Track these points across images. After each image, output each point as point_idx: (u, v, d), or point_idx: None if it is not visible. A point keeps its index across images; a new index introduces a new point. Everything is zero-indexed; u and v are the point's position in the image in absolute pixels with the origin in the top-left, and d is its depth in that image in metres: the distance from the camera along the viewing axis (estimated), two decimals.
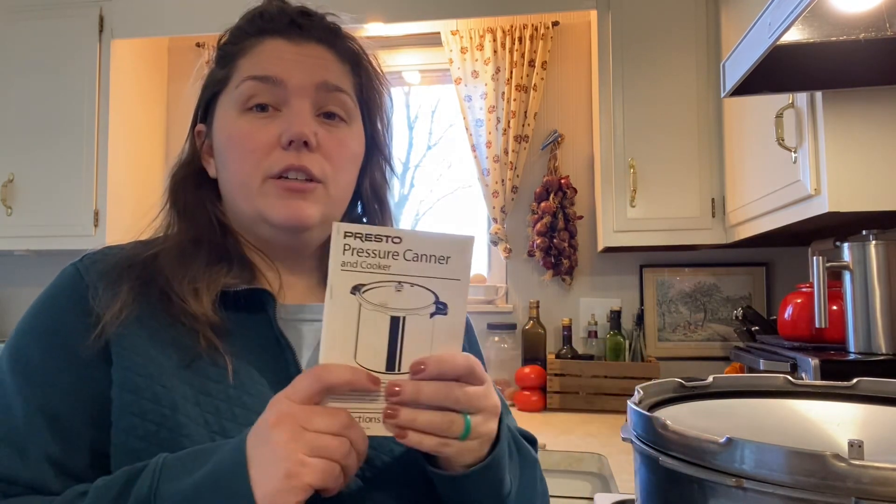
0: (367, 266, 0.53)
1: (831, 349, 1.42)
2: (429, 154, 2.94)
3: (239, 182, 0.69)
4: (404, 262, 0.53)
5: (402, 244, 0.53)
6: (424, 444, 0.54)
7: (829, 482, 0.39)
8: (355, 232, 0.52)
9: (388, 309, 0.53)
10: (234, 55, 0.71)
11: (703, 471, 0.45)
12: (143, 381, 0.59)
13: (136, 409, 0.58)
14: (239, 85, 0.69)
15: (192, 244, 0.69)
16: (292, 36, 0.70)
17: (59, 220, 2.33)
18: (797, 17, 0.90)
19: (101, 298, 0.63)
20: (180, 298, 0.63)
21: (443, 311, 0.54)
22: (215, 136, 0.71)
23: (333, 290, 0.52)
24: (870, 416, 0.62)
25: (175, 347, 0.62)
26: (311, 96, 0.69)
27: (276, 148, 0.67)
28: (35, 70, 2.38)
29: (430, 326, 0.54)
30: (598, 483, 1.73)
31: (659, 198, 2.06)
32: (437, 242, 0.54)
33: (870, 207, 1.28)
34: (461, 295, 0.55)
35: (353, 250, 0.52)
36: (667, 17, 2.08)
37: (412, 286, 0.54)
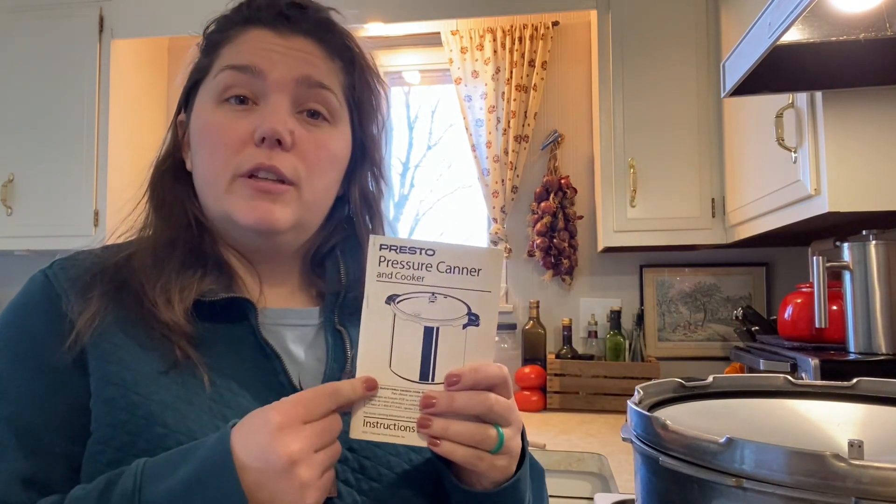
0: (402, 277, 0.55)
1: (831, 349, 1.42)
2: (429, 154, 2.94)
3: (208, 178, 0.65)
4: (437, 273, 0.55)
5: (435, 256, 0.55)
6: (457, 454, 0.54)
7: (829, 482, 0.39)
8: (390, 244, 0.54)
9: (421, 319, 0.55)
10: (218, 43, 0.68)
11: (703, 471, 0.45)
12: (117, 390, 0.57)
13: (112, 420, 0.56)
14: (217, 74, 0.65)
15: (167, 245, 0.65)
16: (279, 27, 0.66)
17: (59, 220, 2.33)
18: (797, 17, 0.90)
19: (74, 305, 0.60)
20: (152, 304, 0.60)
21: (475, 322, 0.56)
22: (191, 128, 0.68)
23: (370, 300, 0.54)
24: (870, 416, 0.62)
25: (151, 354, 0.59)
26: (290, 91, 0.64)
27: (249, 144, 0.63)
28: (35, 70, 2.38)
29: (462, 337, 0.56)
30: (598, 483, 1.73)
31: (659, 198, 2.06)
32: (469, 255, 0.55)
33: (870, 207, 1.28)
34: (492, 307, 0.56)
35: (388, 262, 0.54)
36: (667, 17, 2.08)
37: (445, 297, 0.55)
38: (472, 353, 0.56)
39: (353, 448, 0.61)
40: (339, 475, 0.60)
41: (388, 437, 0.55)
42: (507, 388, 0.57)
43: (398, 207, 2.90)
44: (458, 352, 0.56)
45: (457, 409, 0.54)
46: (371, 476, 0.61)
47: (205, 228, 0.67)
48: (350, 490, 0.60)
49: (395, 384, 0.55)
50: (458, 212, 2.80)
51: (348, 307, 0.69)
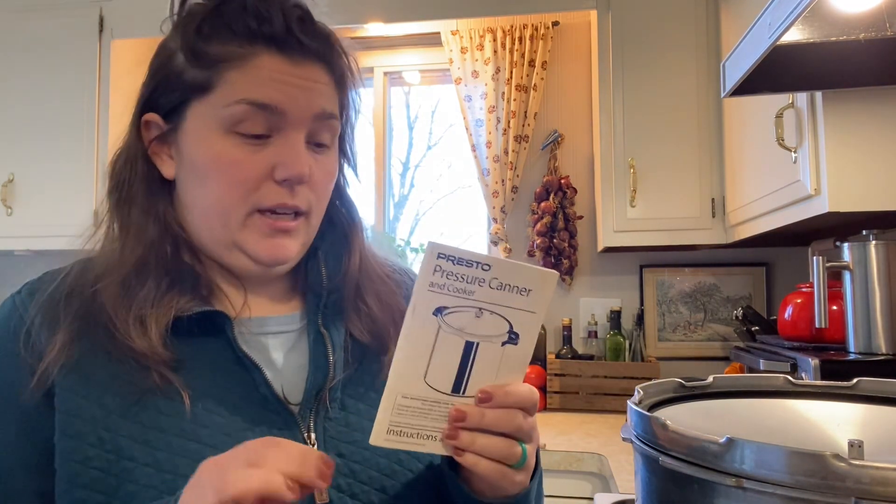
0: (453, 290, 0.53)
1: (831, 349, 1.42)
2: (429, 154, 2.94)
3: (220, 210, 0.62)
4: (489, 289, 0.53)
5: (490, 272, 0.53)
6: (480, 467, 0.54)
7: (829, 482, 0.39)
8: (448, 254, 0.52)
9: (464, 334, 0.54)
10: (220, 60, 0.61)
11: (703, 471, 0.45)
12: (85, 425, 0.55)
13: (79, 456, 0.55)
14: (230, 105, 0.60)
15: (138, 269, 0.61)
16: (291, 53, 0.62)
17: (59, 220, 2.32)
18: (797, 17, 0.90)
19: (40, 337, 0.58)
20: (124, 336, 0.58)
21: (514, 340, 0.55)
22: (188, 148, 0.63)
23: (416, 309, 0.53)
24: (870, 416, 0.62)
25: (122, 384, 0.57)
26: (307, 127, 0.63)
27: (268, 180, 0.61)
28: (35, 70, 2.38)
29: (499, 354, 0.55)
30: (598, 483, 1.73)
31: (659, 198, 2.06)
32: (523, 274, 0.54)
33: (870, 207, 1.28)
34: (534, 327, 0.55)
35: (443, 272, 0.52)
36: (667, 17, 2.08)
37: (491, 314, 0.54)
38: (506, 370, 0.56)
39: (342, 454, 0.61)
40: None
41: (410, 445, 0.55)
42: (534, 409, 0.57)
43: (398, 207, 2.91)
44: (493, 368, 0.55)
45: (486, 426, 0.54)
46: (362, 480, 0.61)
47: (182, 240, 0.65)
48: (342, 496, 0.60)
49: (427, 395, 0.54)
50: (458, 212, 2.80)
51: (331, 308, 0.68)
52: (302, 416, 0.61)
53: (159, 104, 0.65)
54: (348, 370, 0.65)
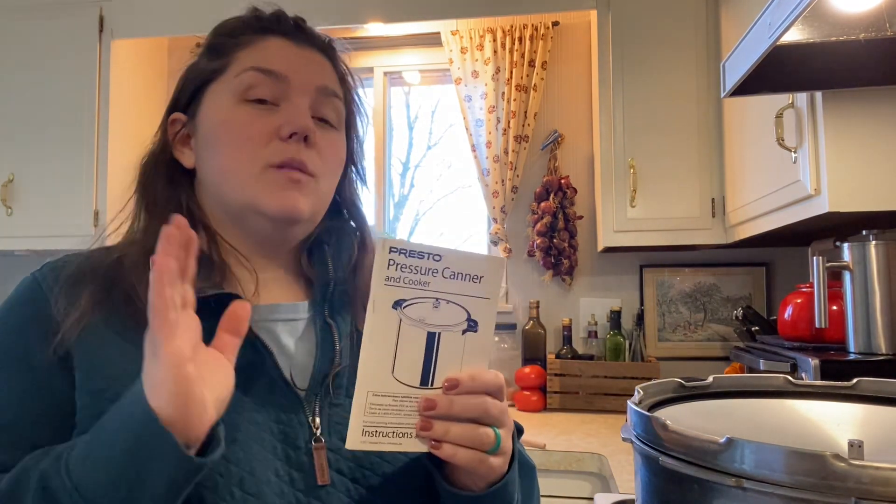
0: (409, 282, 0.54)
1: (831, 349, 1.42)
2: (429, 154, 2.94)
3: (233, 169, 0.67)
4: (442, 279, 0.55)
5: (441, 262, 0.54)
6: (459, 456, 0.56)
7: (829, 482, 0.39)
8: (400, 248, 0.53)
9: (425, 325, 0.55)
10: (232, 48, 0.70)
11: (703, 471, 0.45)
12: (104, 382, 0.59)
13: (97, 411, 0.56)
14: (240, 74, 0.68)
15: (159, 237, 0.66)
16: (296, 38, 0.71)
17: (59, 220, 2.33)
18: (797, 17, 0.90)
19: (61, 306, 0.61)
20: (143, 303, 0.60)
21: (474, 328, 0.56)
22: (203, 124, 0.69)
23: (376, 304, 0.53)
24: (870, 416, 0.62)
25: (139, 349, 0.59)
26: (311, 96, 0.69)
27: (275, 139, 0.66)
28: (35, 70, 2.38)
29: (461, 342, 0.56)
30: (598, 483, 1.73)
31: (659, 198, 2.06)
32: (472, 261, 0.55)
33: (870, 207, 1.28)
34: (490, 313, 0.57)
35: (396, 265, 0.53)
36: (667, 17, 2.08)
37: (448, 303, 0.55)
38: (470, 358, 0.57)
39: (344, 438, 0.62)
40: (332, 464, 0.62)
41: (387, 445, 0.55)
42: (501, 393, 0.59)
43: (398, 207, 2.91)
44: (457, 357, 0.56)
45: (455, 413, 0.56)
46: (364, 465, 0.63)
47: (201, 225, 0.69)
48: (343, 479, 0.62)
49: (397, 391, 0.55)
50: (458, 212, 2.80)
51: (337, 300, 0.71)
52: (308, 400, 0.64)
53: (180, 101, 0.72)
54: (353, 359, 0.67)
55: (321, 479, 0.60)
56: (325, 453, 0.62)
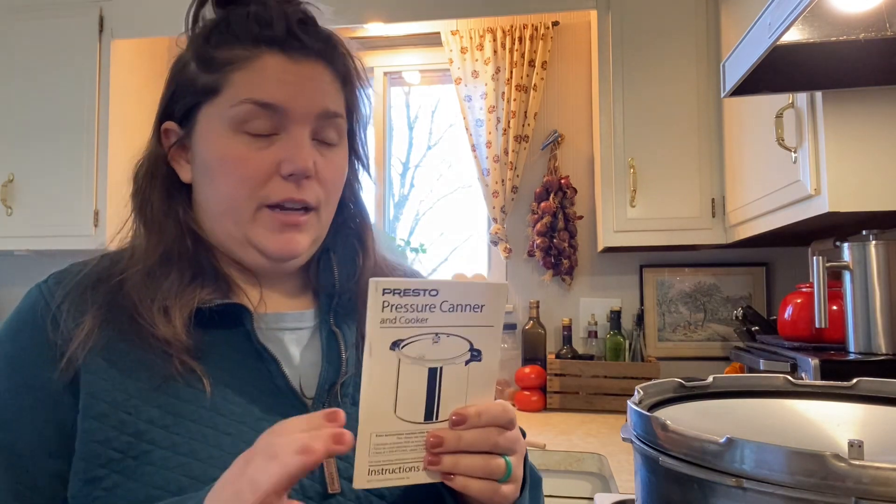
0: (406, 321, 0.52)
1: (831, 349, 1.42)
2: (429, 154, 2.94)
3: (230, 207, 0.65)
4: (441, 313, 0.53)
5: (439, 296, 0.53)
6: (472, 488, 0.55)
7: (829, 482, 0.39)
8: (394, 288, 0.51)
9: (426, 361, 0.53)
10: (226, 64, 0.64)
11: (703, 471, 0.45)
12: (107, 407, 0.57)
13: (100, 437, 0.56)
14: (235, 105, 0.63)
15: (162, 261, 0.64)
16: (292, 52, 0.64)
17: (59, 220, 2.33)
18: (797, 17, 0.90)
19: (66, 324, 0.60)
20: (149, 323, 0.60)
21: (477, 357, 0.55)
22: (199, 148, 0.66)
23: (373, 348, 0.52)
24: (870, 416, 0.62)
25: (145, 370, 0.59)
26: (311, 124, 0.65)
27: (274, 176, 0.64)
28: (35, 70, 2.38)
29: (465, 374, 0.55)
30: (598, 483, 1.73)
31: (659, 198, 2.06)
32: (473, 291, 0.54)
33: (870, 207, 1.28)
34: (495, 340, 0.55)
35: (391, 306, 0.51)
36: (667, 17, 2.08)
37: (448, 336, 0.54)
38: (475, 387, 0.55)
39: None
40: (342, 473, 0.61)
41: (394, 480, 0.54)
42: (512, 424, 0.58)
43: (398, 207, 2.91)
44: (461, 388, 0.55)
45: (465, 448, 0.55)
46: None
47: (200, 240, 0.67)
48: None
49: (401, 429, 0.54)
50: (458, 212, 2.80)
51: (343, 308, 0.70)
52: (315, 409, 0.63)
53: (175, 112, 0.68)
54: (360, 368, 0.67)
55: (332, 488, 0.60)
56: (335, 462, 0.61)
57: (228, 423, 0.59)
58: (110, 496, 0.56)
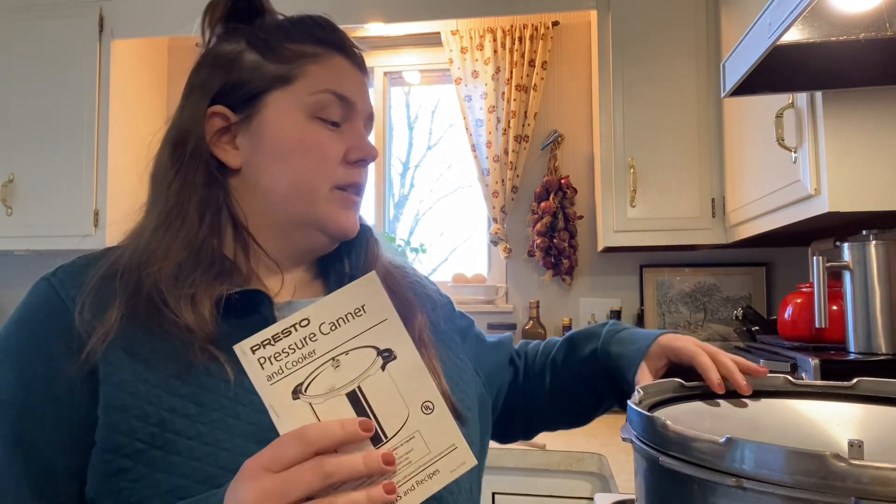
0: (293, 364, 0.49)
1: (831, 349, 1.42)
2: (429, 154, 2.94)
3: (303, 187, 0.68)
4: (324, 337, 0.50)
5: (312, 323, 0.49)
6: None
7: (829, 482, 0.39)
8: (261, 342, 0.48)
9: (339, 390, 0.49)
10: (300, 56, 0.69)
11: (703, 471, 0.45)
12: (130, 398, 0.57)
13: (124, 427, 0.56)
14: (315, 93, 0.69)
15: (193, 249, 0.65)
16: (352, 59, 0.74)
17: (59, 220, 2.33)
18: (797, 17, 0.90)
19: (85, 317, 0.59)
20: (173, 312, 0.60)
21: (390, 357, 0.51)
22: (266, 132, 0.68)
23: (276, 409, 0.48)
24: (870, 416, 0.62)
25: (167, 360, 0.59)
26: (364, 121, 0.74)
27: (341, 161, 0.70)
28: (35, 70, 2.38)
29: (388, 379, 0.51)
30: (598, 483, 1.73)
31: (659, 198, 2.06)
32: (343, 299, 0.50)
33: (870, 207, 1.28)
34: (397, 332, 0.51)
35: (269, 359, 0.48)
36: (667, 17, 2.08)
37: (347, 353, 0.50)
38: (406, 385, 0.51)
39: None
40: None
41: None
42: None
43: (398, 207, 2.90)
44: (392, 394, 0.50)
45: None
46: None
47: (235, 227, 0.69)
48: None
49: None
50: (458, 212, 2.80)
51: None
52: None
53: (228, 97, 0.69)
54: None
55: None
56: None
57: (250, 412, 0.59)
58: (137, 487, 0.55)
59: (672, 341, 0.78)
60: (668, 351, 0.78)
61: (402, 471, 0.50)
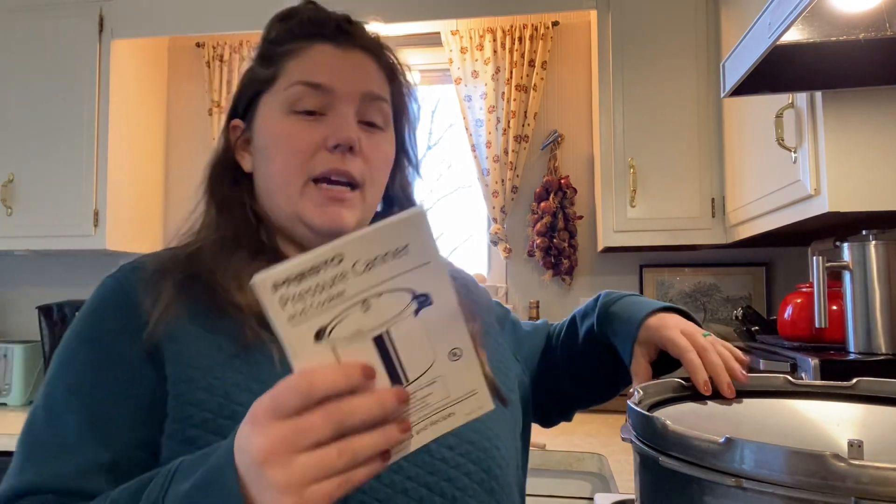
0: (319, 305, 0.43)
1: (831, 349, 1.42)
2: (429, 154, 2.94)
3: (281, 181, 0.71)
4: (357, 277, 0.44)
5: (345, 261, 0.43)
6: None
7: (828, 482, 0.39)
8: (285, 278, 0.42)
9: (365, 334, 0.45)
10: (281, 56, 0.73)
11: (703, 471, 0.45)
12: (196, 373, 0.61)
13: (192, 399, 0.60)
14: (288, 88, 0.71)
15: (232, 239, 0.71)
16: (340, 42, 0.73)
17: (59, 220, 2.33)
18: (797, 17, 0.90)
19: (146, 302, 0.64)
20: (224, 290, 0.65)
21: (426, 302, 0.46)
22: (257, 134, 0.73)
23: (295, 351, 0.43)
24: (870, 416, 0.62)
25: (225, 338, 0.63)
26: (356, 104, 0.71)
27: (321, 150, 0.69)
28: (35, 70, 2.38)
29: (419, 325, 0.46)
30: (598, 483, 1.73)
31: (659, 198, 2.06)
32: (384, 235, 0.44)
33: (870, 207, 1.28)
34: (439, 275, 0.45)
35: (292, 299, 0.43)
36: (667, 17, 2.08)
37: (380, 296, 0.45)
38: (438, 334, 0.47)
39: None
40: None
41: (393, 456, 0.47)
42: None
43: None
44: (422, 341, 0.46)
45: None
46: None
47: (262, 223, 0.74)
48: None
49: None
50: (458, 212, 2.80)
51: None
52: None
53: (238, 108, 0.76)
54: None
55: None
56: None
57: None
58: None
59: (660, 329, 0.75)
60: (656, 339, 0.75)
61: (417, 412, 0.47)
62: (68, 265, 2.66)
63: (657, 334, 0.75)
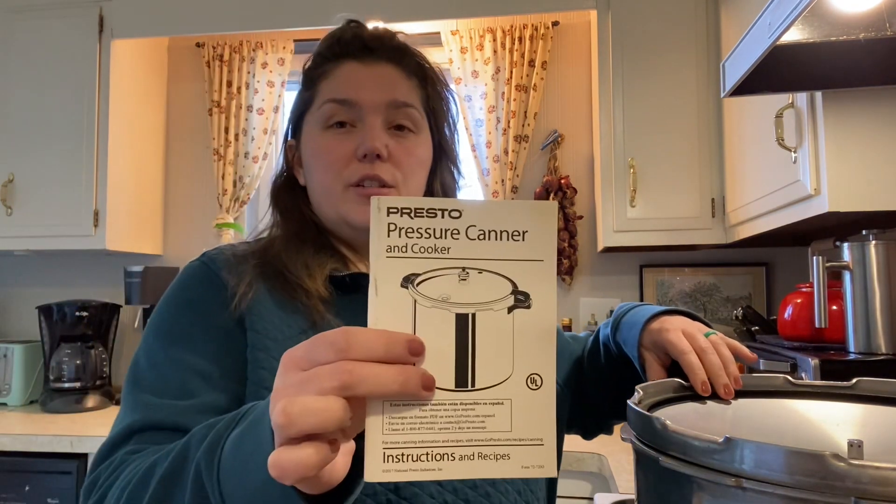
0: (421, 250, 0.41)
1: (831, 349, 1.42)
2: None
3: (323, 189, 0.79)
4: (467, 241, 0.41)
5: (462, 218, 0.41)
6: None
7: (828, 482, 0.39)
8: (402, 206, 0.40)
9: (451, 304, 0.41)
10: (316, 79, 0.81)
11: (703, 471, 0.45)
12: (271, 342, 0.69)
13: (266, 364, 0.68)
14: (321, 106, 0.79)
15: (297, 237, 0.80)
16: (364, 58, 0.80)
17: (59, 220, 2.33)
18: (797, 17, 0.90)
19: (231, 279, 0.73)
20: (296, 277, 0.73)
21: (524, 303, 0.42)
22: (303, 150, 0.83)
23: (378, 284, 0.40)
24: (870, 416, 0.62)
25: (296, 316, 0.72)
26: (382, 113, 0.78)
27: (354, 160, 0.77)
28: (35, 70, 2.38)
29: (508, 324, 0.42)
30: (598, 483, 1.73)
31: (659, 198, 2.06)
32: (510, 213, 0.41)
33: (870, 207, 1.28)
34: (547, 281, 0.42)
35: (400, 230, 0.41)
36: (667, 17, 2.08)
37: (480, 273, 0.41)
38: (524, 345, 0.42)
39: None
40: None
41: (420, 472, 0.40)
42: None
43: None
44: (505, 344, 0.41)
45: None
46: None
47: (319, 227, 0.83)
48: None
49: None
50: None
51: None
52: None
53: (290, 130, 0.87)
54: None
55: None
56: None
57: None
58: None
59: (661, 331, 0.74)
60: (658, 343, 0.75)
61: (469, 432, 0.41)
62: (68, 265, 2.67)
63: (658, 337, 0.75)
